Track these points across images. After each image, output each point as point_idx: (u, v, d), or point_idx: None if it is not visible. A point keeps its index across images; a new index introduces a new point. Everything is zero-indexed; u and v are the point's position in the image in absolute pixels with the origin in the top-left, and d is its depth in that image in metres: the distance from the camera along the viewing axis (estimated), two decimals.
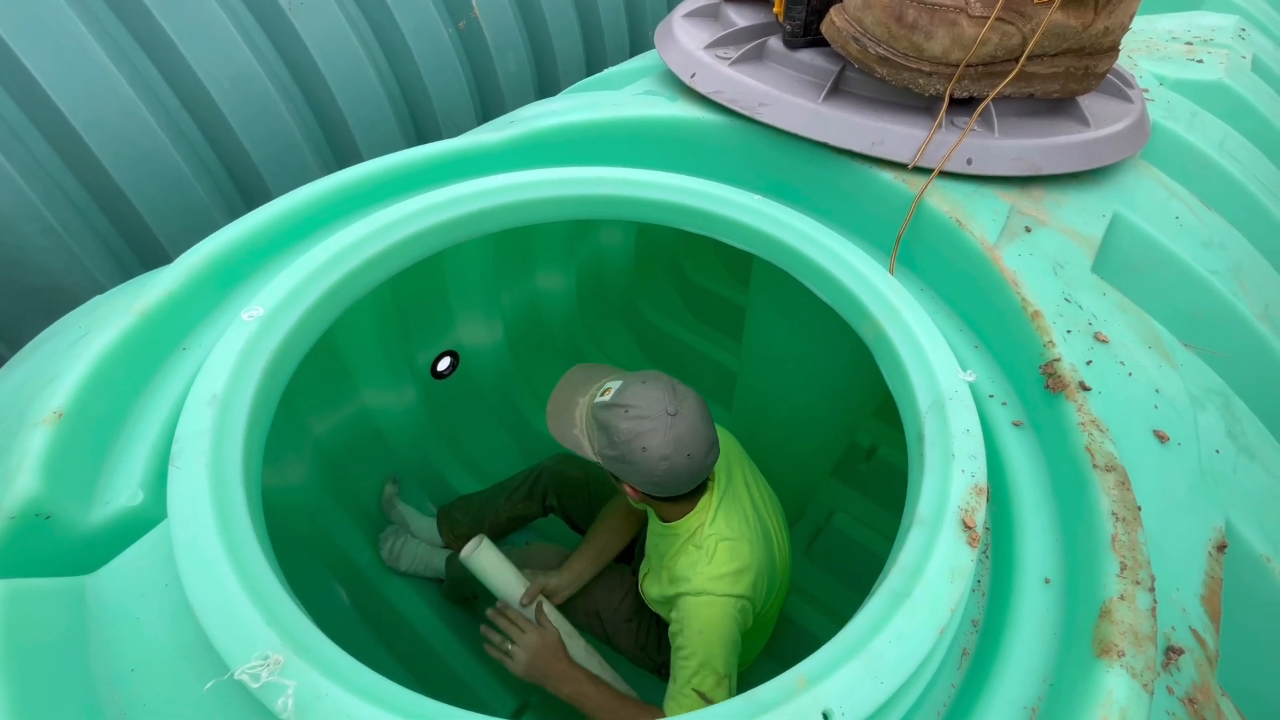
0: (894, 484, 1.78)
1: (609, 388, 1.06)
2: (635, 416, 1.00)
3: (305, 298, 0.79)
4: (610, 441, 1.02)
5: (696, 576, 1.06)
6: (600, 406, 1.03)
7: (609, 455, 1.03)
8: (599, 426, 1.03)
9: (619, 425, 1.00)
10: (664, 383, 1.05)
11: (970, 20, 0.88)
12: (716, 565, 1.07)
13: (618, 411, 1.01)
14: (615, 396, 1.03)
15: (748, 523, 1.14)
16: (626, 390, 1.03)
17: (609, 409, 1.02)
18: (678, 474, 1.01)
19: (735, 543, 1.09)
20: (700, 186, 1.01)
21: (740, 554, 1.09)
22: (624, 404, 1.01)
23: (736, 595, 1.06)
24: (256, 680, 0.47)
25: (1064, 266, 0.90)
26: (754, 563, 1.10)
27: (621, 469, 1.03)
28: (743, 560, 1.09)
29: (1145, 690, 0.55)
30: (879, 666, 0.54)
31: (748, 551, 1.10)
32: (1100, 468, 0.69)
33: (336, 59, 1.71)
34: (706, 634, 1.05)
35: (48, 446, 0.59)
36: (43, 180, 1.35)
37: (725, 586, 1.05)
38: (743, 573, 1.08)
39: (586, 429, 1.07)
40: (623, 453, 1.01)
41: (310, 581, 1.51)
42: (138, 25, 1.45)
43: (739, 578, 1.07)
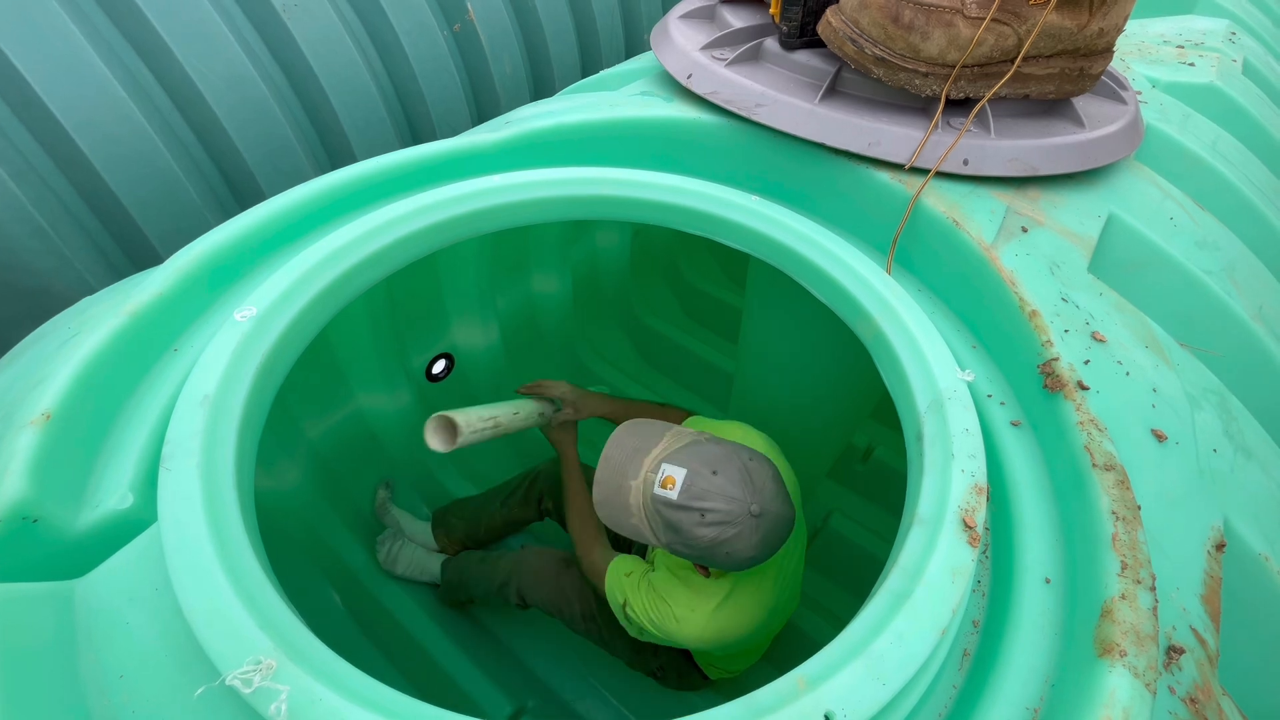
0: (891, 485, 1.78)
1: (670, 477, 0.92)
2: (715, 523, 0.89)
3: (299, 298, 0.78)
4: (685, 542, 0.91)
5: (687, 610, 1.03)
6: (667, 505, 0.91)
7: (683, 551, 0.93)
8: (667, 525, 0.91)
9: (697, 533, 0.89)
10: (736, 469, 0.92)
11: (966, 21, 0.89)
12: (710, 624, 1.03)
13: (692, 516, 0.89)
14: (684, 495, 0.90)
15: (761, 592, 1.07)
16: (696, 485, 0.90)
17: (679, 510, 0.90)
18: (760, 562, 0.95)
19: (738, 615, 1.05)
20: (697, 187, 1.00)
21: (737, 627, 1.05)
22: (698, 506, 0.89)
23: (705, 640, 1.04)
24: (249, 686, 0.46)
25: (1061, 266, 0.90)
26: (748, 629, 1.07)
27: (698, 560, 0.95)
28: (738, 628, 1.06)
29: (1148, 690, 0.55)
30: (880, 668, 0.54)
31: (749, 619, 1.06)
32: (1099, 467, 0.69)
33: (331, 61, 1.70)
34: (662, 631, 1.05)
35: (35, 449, 0.58)
36: (33, 182, 1.34)
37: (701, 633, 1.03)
38: (729, 638, 1.06)
39: (649, 520, 0.94)
40: (702, 554, 0.92)
41: (304, 586, 1.49)
42: (130, 26, 1.44)
43: (716, 640, 1.05)
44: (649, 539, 0.95)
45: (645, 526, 0.94)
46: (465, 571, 1.50)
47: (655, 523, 0.93)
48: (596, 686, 1.51)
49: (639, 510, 0.94)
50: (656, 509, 0.92)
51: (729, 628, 1.04)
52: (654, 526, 0.93)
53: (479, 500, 1.64)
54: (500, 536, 1.65)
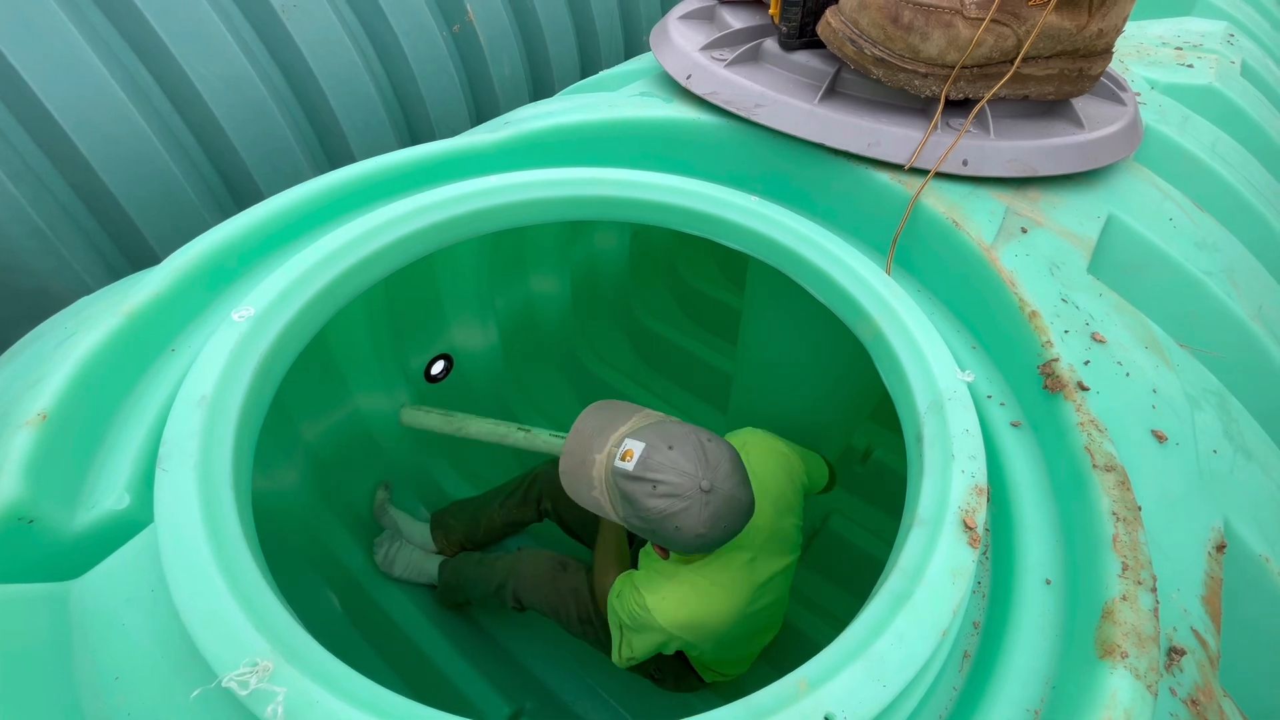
0: (890, 486, 1.78)
1: (629, 450, 0.95)
2: (665, 494, 0.91)
3: (297, 299, 0.77)
4: (638, 514, 0.93)
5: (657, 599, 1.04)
6: (623, 476, 0.93)
7: (636, 525, 0.95)
8: (623, 497, 0.94)
9: (647, 504, 0.92)
10: (692, 445, 0.94)
11: (966, 22, 0.89)
12: (679, 611, 1.03)
13: (644, 486, 0.92)
14: (639, 466, 0.92)
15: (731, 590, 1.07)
16: (652, 458, 0.93)
17: (634, 481, 0.92)
18: (711, 544, 0.96)
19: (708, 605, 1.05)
20: (696, 187, 1.00)
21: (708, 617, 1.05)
22: (651, 478, 0.92)
23: (676, 635, 1.04)
24: (245, 688, 0.45)
25: (1060, 267, 0.90)
26: (716, 627, 1.06)
27: (650, 536, 0.97)
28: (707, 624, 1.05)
29: (1149, 691, 0.54)
30: (881, 669, 0.54)
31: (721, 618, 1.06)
32: (1100, 468, 0.68)
33: (330, 62, 1.70)
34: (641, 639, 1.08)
35: (31, 449, 0.57)
36: (31, 182, 1.34)
37: (671, 625, 1.03)
38: (697, 629, 1.05)
39: (608, 492, 0.97)
40: (653, 527, 0.93)
41: (301, 588, 1.49)
42: (129, 27, 1.44)
43: (688, 629, 1.04)
44: (608, 513, 0.98)
45: (605, 499, 0.98)
46: (463, 573, 1.50)
47: (614, 495, 0.96)
48: (594, 688, 1.51)
49: (600, 483, 0.98)
50: (615, 481, 0.95)
51: (697, 617, 1.04)
52: (613, 499, 0.97)
53: (477, 502, 1.64)
54: (499, 538, 1.64)
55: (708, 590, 1.05)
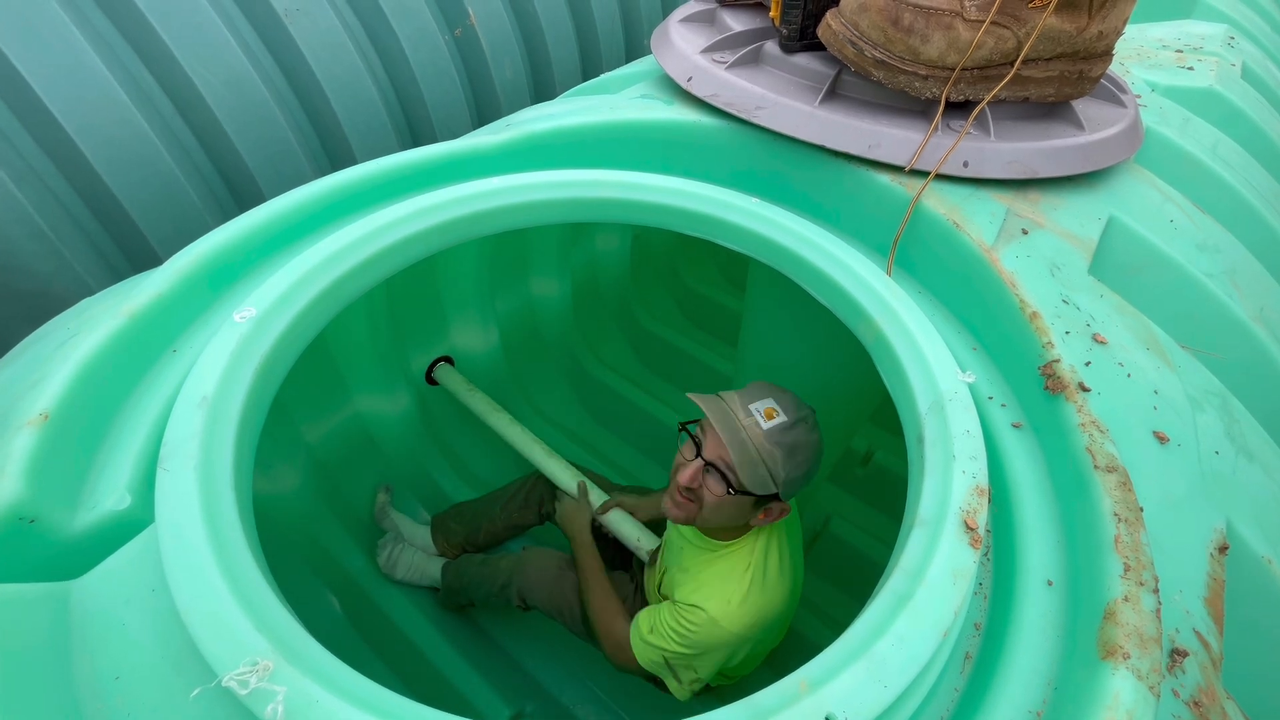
0: (891, 489, 1.77)
1: (769, 408, 0.99)
2: (816, 425, 1.01)
3: (298, 300, 0.78)
4: (802, 460, 0.98)
5: (722, 606, 1.03)
6: (783, 429, 0.97)
7: (794, 477, 0.98)
8: (787, 452, 0.96)
9: (810, 439, 0.99)
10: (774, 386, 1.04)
11: (966, 24, 0.89)
12: (746, 611, 1.04)
13: (802, 428, 0.98)
14: (788, 413, 0.98)
15: (784, 568, 1.10)
16: (787, 403, 0.99)
17: (794, 428, 0.97)
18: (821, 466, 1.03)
19: (770, 590, 1.07)
20: (697, 189, 1.01)
21: (771, 603, 1.07)
22: (803, 416, 0.99)
23: (746, 636, 1.05)
24: (245, 687, 0.45)
25: (1061, 268, 0.90)
26: (779, 613, 1.09)
27: (795, 487, 0.99)
28: (769, 612, 1.07)
29: (1152, 693, 0.54)
30: (882, 670, 0.54)
31: (778, 601, 1.08)
32: (1101, 468, 0.68)
33: (332, 65, 1.71)
34: (700, 646, 1.04)
35: (33, 449, 0.58)
36: (34, 184, 1.34)
37: (741, 627, 1.04)
38: (765, 620, 1.07)
39: (766, 461, 0.97)
40: (810, 467, 0.99)
41: (302, 590, 1.49)
42: (132, 30, 1.45)
43: (760, 624, 1.06)
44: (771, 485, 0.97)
45: (764, 470, 0.96)
46: (465, 574, 1.49)
47: (773, 460, 0.96)
48: (595, 691, 1.50)
49: (758, 456, 0.96)
50: (774, 443, 0.96)
51: (764, 605, 1.05)
52: (772, 466, 0.96)
53: (479, 504, 1.64)
54: (500, 541, 1.64)
55: (769, 576, 1.07)
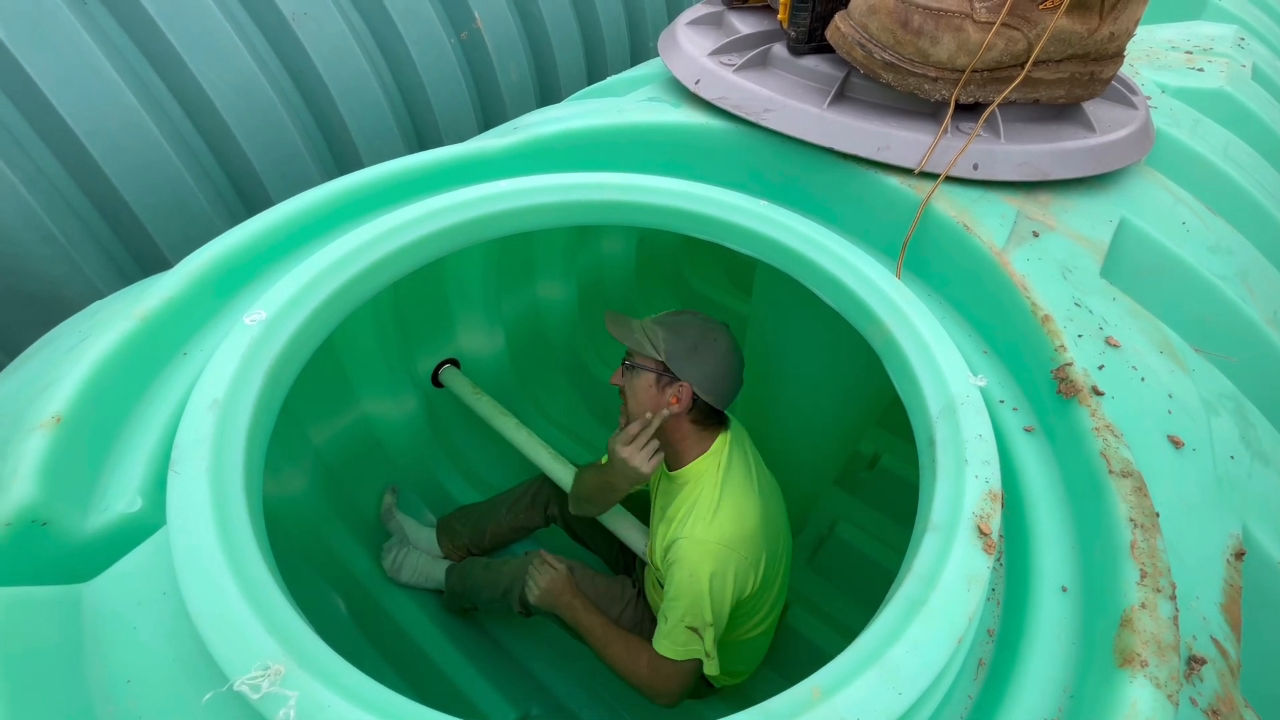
0: (898, 493, 1.77)
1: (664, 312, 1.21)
2: (704, 319, 1.17)
3: (308, 302, 0.78)
4: (680, 336, 1.13)
5: (698, 524, 1.08)
6: (667, 315, 1.17)
7: (677, 349, 1.12)
8: (668, 330, 1.14)
9: (693, 323, 1.15)
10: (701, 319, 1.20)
11: (976, 26, 0.88)
12: (720, 521, 1.08)
13: (685, 316, 1.17)
14: (675, 313, 1.18)
15: (750, 487, 1.16)
16: (683, 310, 1.21)
17: (676, 315, 1.17)
18: (734, 376, 1.15)
19: (741, 505, 1.12)
20: (705, 192, 1.00)
21: (745, 518, 1.11)
22: (689, 312, 1.19)
23: (733, 549, 1.07)
24: (257, 691, 0.45)
25: (1073, 271, 0.89)
26: (754, 526, 1.11)
27: (687, 365, 1.12)
28: (747, 524, 1.10)
29: (1170, 701, 0.54)
30: (896, 677, 0.53)
31: (751, 514, 1.12)
32: (1116, 473, 0.68)
33: (340, 69, 1.71)
34: (698, 578, 1.05)
35: (45, 452, 0.58)
36: (45, 189, 1.35)
37: (724, 539, 1.06)
38: (745, 536, 1.09)
39: (646, 333, 1.16)
40: (695, 343, 1.13)
41: (308, 593, 1.49)
42: (142, 35, 1.46)
43: (740, 538, 1.08)
44: (648, 349, 1.15)
45: (643, 337, 1.16)
46: (470, 578, 1.49)
47: (654, 334, 1.15)
48: (601, 694, 1.50)
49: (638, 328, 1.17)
50: (658, 323, 1.17)
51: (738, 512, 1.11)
52: (653, 338, 1.15)
53: (484, 507, 1.63)
54: (506, 543, 1.64)
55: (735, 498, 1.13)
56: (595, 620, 1.27)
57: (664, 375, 1.14)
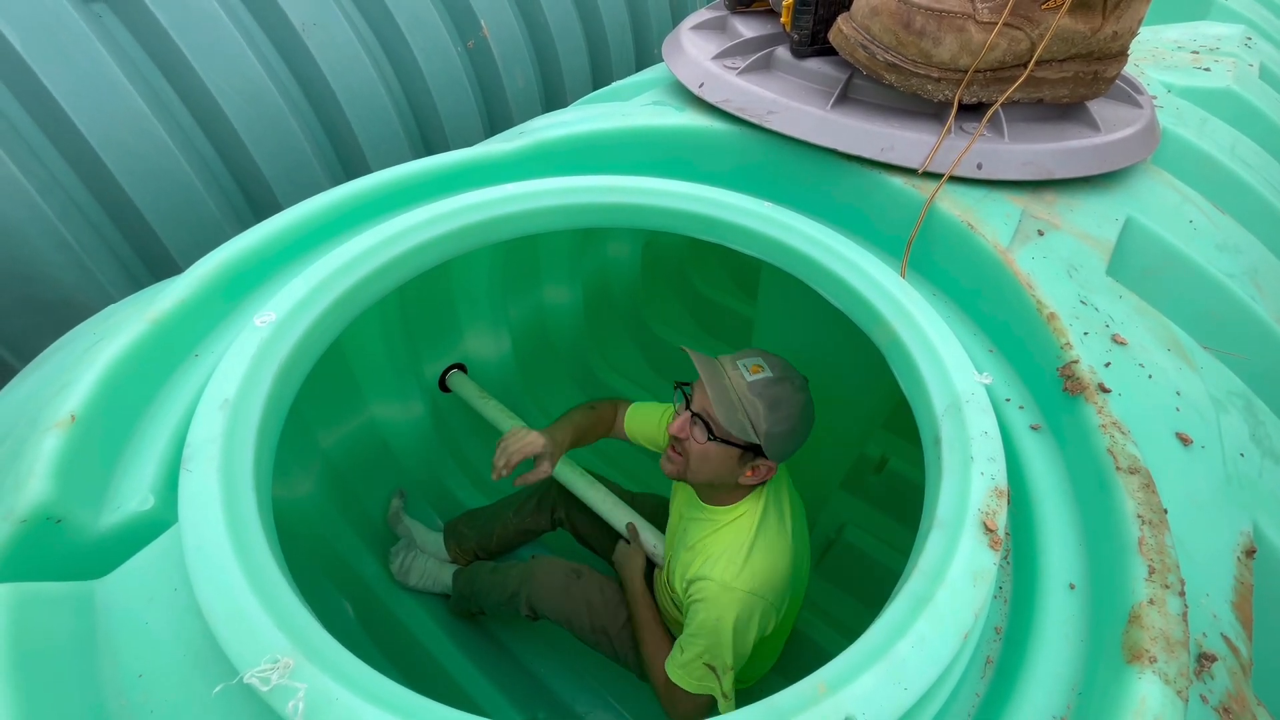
0: (905, 496, 1.76)
1: (755, 365, 1.07)
2: (804, 388, 1.07)
3: (317, 304, 0.79)
4: (782, 416, 1.03)
5: (728, 569, 1.05)
6: (766, 384, 1.04)
7: (777, 430, 1.02)
8: (769, 406, 1.02)
9: (797, 398, 1.05)
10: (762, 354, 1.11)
11: (978, 26, 0.89)
12: (751, 568, 1.05)
13: (786, 386, 1.04)
14: (773, 371, 1.06)
15: (784, 528, 1.13)
16: (777, 364, 1.08)
17: (777, 384, 1.04)
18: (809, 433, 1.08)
19: (773, 552, 1.09)
20: (710, 194, 1.01)
21: (776, 564, 1.08)
22: (789, 377, 1.06)
23: (758, 594, 1.05)
24: (266, 684, 0.46)
25: (1078, 270, 0.89)
26: (784, 572, 1.09)
27: (779, 445, 1.04)
28: (777, 570, 1.08)
29: (1180, 698, 0.53)
30: (902, 672, 0.53)
31: (782, 559, 1.09)
32: (1124, 470, 0.67)
33: (348, 77, 1.74)
34: (723, 623, 1.03)
35: (61, 450, 0.59)
36: (58, 196, 1.37)
37: (754, 587, 1.04)
38: (774, 583, 1.07)
39: (747, 411, 1.04)
40: (794, 425, 1.04)
41: (316, 596, 1.50)
42: (154, 45, 1.48)
43: (769, 585, 1.06)
44: (751, 434, 1.02)
45: (745, 419, 1.03)
46: (476, 582, 1.50)
47: (754, 410, 1.02)
48: (608, 698, 1.49)
49: (739, 404, 1.03)
50: (756, 395, 1.03)
51: (769, 562, 1.08)
52: (753, 416, 1.02)
53: (491, 510, 1.64)
54: (513, 547, 1.64)
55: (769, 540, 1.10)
56: (647, 616, 1.27)
57: (751, 452, 1.04)
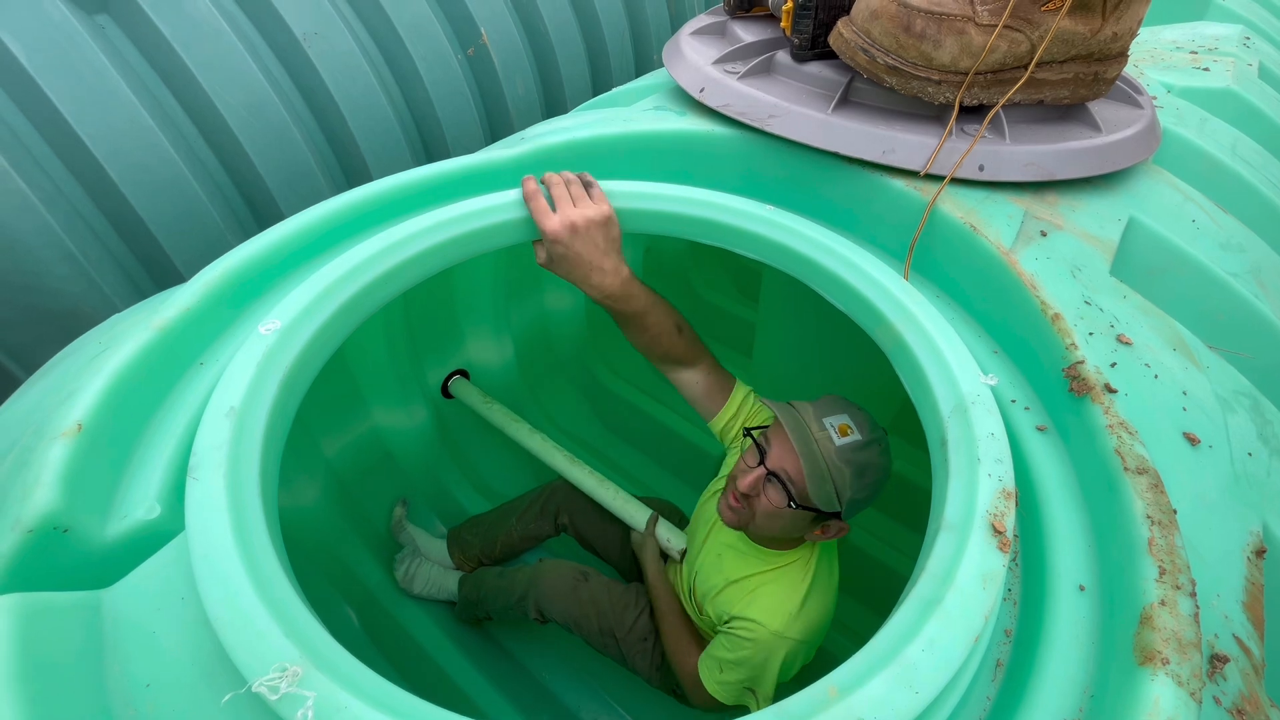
0: (907, 498, 1.75)
1: (844, 424, 0.96)
2: (888, 448, 0.98)
3: (321, 312, 0.79)
4: (869, 483, 0.95)
5: (780, 616, 1.03)
6: (855, 448, 0.94)
7: (859, 499, 0.95)
8: (857, 471, 0.94)
9: (880, 462, 0.96)
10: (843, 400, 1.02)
11: (978, 29, 0.89)
12: (805, 616, 1.04)
13: (874, 449, 0.95)
14: (863, 432, 0.96)
15: (833, 569, 1.11)
16: (863, 421, 0.97)
17: (867, 448, 0.94)
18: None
19: (825, 597, 1.08)
20: (712, 198, 1.01)
21: (826, 608, 1.07)
22: (875, 438, 0.96)
23: (805, 641, 1.05)
24: (275, 692, 0.46)
25: (1082, 270, 0.89)
26: (832, 612, 1.09)
27: (861, 506, 0.97)
28: (826, 613, 1.07)
29: (1194, 699, 0.53)
30: (913, 675, 0.53)
31: (831, 601, 1.09)
32: (1132, 470, 0.67)
33: (349, 86, 1.75)
34: (772, 662, 1.03)
35: (68, 459, 0.59)
36: (63, 207, 1.38)
37: (805, 633, 1.04)
38: (823, 625, 1.07)
39: (834, 479, 0.95)
40: (875, 490, 0.96)
41: (320, 604, 1.49)
42: (157, 56, 1.49)
43: (818, 627, 1.06)
44: (836, 504, 0.94)
45: (831, 488, 0.94)
46: (482, 587, 1.49)
47: (842, 478, 0.93)
48: (614, 705, 1.49)
49: (826, 473, 0.94)
50: (845, 461, 0.93)
51: (820, 611, 1.06)
52: (840, 484, 0.93)
53: (494, 516, 1.64)
54: (517, 553, 1.64)
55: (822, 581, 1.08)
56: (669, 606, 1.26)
57: (829, 516, 0.98)
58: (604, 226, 0.95)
